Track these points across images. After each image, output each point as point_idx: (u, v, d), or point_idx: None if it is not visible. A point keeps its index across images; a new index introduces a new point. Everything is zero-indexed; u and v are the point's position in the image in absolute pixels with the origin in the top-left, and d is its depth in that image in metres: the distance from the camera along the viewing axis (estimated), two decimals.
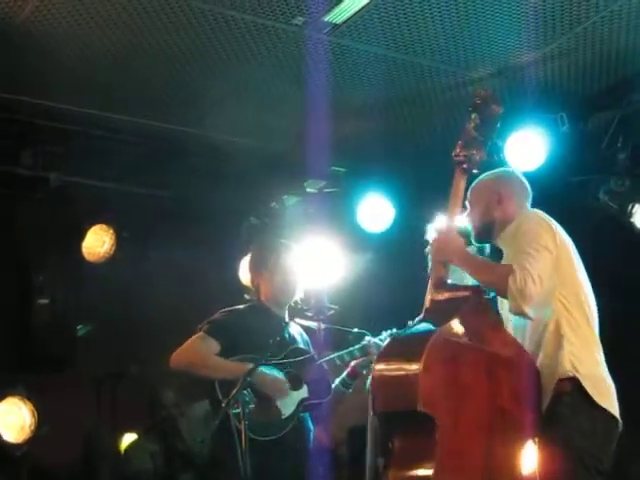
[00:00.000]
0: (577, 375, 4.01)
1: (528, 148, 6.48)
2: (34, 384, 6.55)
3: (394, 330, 5.12)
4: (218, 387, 4.89)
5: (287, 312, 5.27)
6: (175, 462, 6.53)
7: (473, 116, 4.30)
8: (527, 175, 6.27)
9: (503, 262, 4.30)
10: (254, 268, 5.38)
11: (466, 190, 4.40)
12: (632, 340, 6.24)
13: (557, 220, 4.33)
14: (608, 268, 5.95)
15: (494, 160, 4.31)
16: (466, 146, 4.28)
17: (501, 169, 4.71)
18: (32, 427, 6.33)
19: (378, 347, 5.07)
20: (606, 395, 4.08)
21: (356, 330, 5.30)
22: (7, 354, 6.76)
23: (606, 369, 4.18)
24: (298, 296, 5.32)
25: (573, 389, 4.01)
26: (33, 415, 6.33)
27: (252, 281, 5.38)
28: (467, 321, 4.08)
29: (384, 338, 5.13)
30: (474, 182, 4.50)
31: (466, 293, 4.20)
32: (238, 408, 4.39)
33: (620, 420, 4.10)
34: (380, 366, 4.11)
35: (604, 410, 4.03)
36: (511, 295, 4.00)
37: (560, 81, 6.27)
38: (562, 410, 4.02)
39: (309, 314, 5.18)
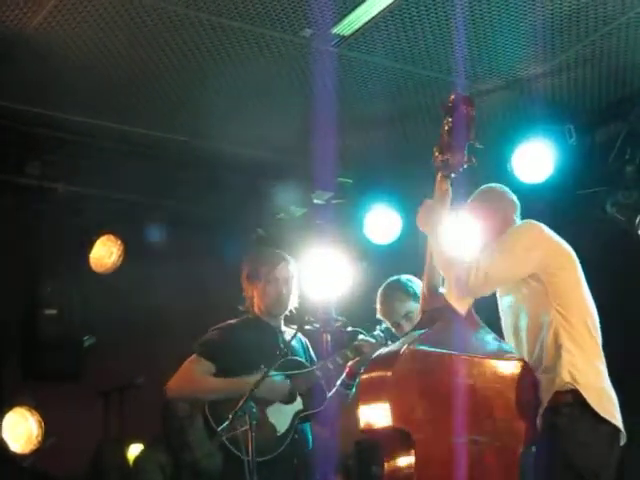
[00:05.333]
0: (577, 386, 3.99)
1: (536, 160, 6.48)
2: (41, 395, 6.55)
3: (387, 324, 5.12)
4: (208, 411, 4.87)
5: (282, 321, 5.25)
6: (184, 474, 6.50)
7: (446, 120, 4.21)
8: (535, 187, 6.36)
9: None
10: (248, 279, 5.31)
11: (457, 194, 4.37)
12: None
13: (564, 232, 4.33)
14: (615, 280, 5.96)
15: (474, 164, 4.21)
16: (442, 151, 4.18)
17: (500, 188, 4.59)
18: (39, 438, 6.33)
19: (371, 345, 5.05)
20: (608, 406, 4.04)
21: (350, 329, 5.26)
22: (15, 365, 6.77)
23: (608, 379, 4.15)
24: (293, 306, 5.29)
25: (573, 400, 3.99)
26: (40, 426, 6.32)
27: (246, 292, 5.33)
28: (451, 328, 4.07)
29: (377, 334, 5.11)
30: (478, 201, 4.48)
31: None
32: (235, 430, 4.33)
33: (623, 431, 4.07)
34: (362, 383, 4.13)
35: (605, 421, 3.99)
36: (451, 281, 4.04)
37: (568, 94, 6.27)
38: (560, 421, 3.99)
39: (316, 325, 5.16)
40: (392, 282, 5.20)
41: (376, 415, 3.94)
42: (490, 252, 4.15)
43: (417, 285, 4.98)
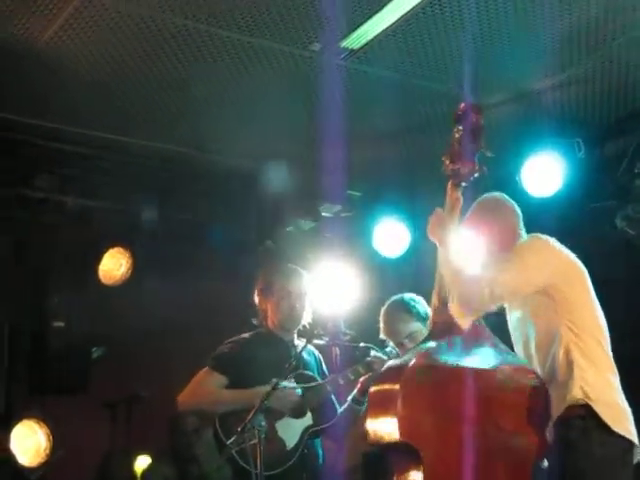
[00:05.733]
0: (588, 402, 3.96)
1: (545, 174, 6.47)
2: (49, 407, 6.55)
3: None
4: (218, 424, 4.87)
5: (296, 335, 5.25)
6: None
7: (456, 128, 4.23)
8: (544, 201, 6.35)
9: None
10: (261, 293, 5.33)
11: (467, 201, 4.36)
12: None
13: (573, 246, 4.31)
14: (625, 294, 5.94)
15: (484, 173, 4.21)
16: (452, 160, 4.20)
17: (500, 197, 4.55)
18: (47, 451, 6.32)
19: (382, 361, 5.03)
20: (621, 420, 4.01)
21: (362, 345, 5.25)
22: (22, 377, 6.77)
23: (622, 393, 4.12)
24: (306, 320, 5.28)
25: (585, 414, 3.96)
26: (48, 439, 6.31)
27: (259, 305, 5.34)
28: (460, 341, 4.05)
29: (389, 351, 5.10)
30: (477, 212, 4.45)
31: None
32: (244, 444, 4.32)
33: (638, 445, 4.03)
34: (371, 396, 4.11)
35: (620, 436, 3.95)
36: (456, 295, 4.00)
37: (577, 107, 6.26)
38: (573, 434, 3.96)
39: (325, 339, 5.15)
40: (395, 302, 5.18)
41: (384, 428, 3.92)
42: (497, 269, 4.12)
43: (420, 304, 5.01)
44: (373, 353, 5.14)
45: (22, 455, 6.29)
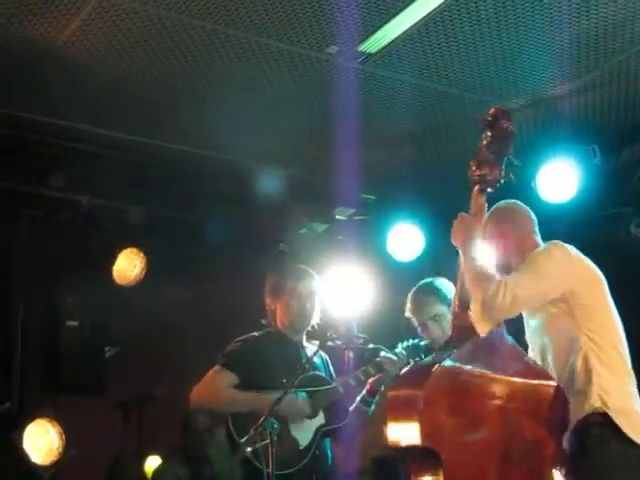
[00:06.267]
0: (607, 411, 3.94)
1: (560, 180, 6.46)
2: (62, 406, 6.56)
3: (410, 342, 5.10)
4: (231, 423, 4.87)
5: (305, 336, 5.25)
6: None
7: (485, 134, 4.21)
8: (559, 207, 6.33)
9: None
10: (271, 293, 5.32)
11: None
12: None
13: (588, 253, 4.29)
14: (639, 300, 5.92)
15: (511, 179, 4.21)
16: (479, 165, 4.18)
17: (514, 204, 4.54)
18: (60, 449, 6.33)
19: (392, 362, 5.03)
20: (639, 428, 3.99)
21: (371, 346, 5.24)
22: (36, 376, 6.79)
23: (639, 401, 4.09)
24: (315, 321, 5.28)
25: (603, 422, 3.93)
26: (61, 437, 6.33)
27: (269, 306, 5.32)
28: (482, 347, 4.04)
29: (399, 352, 5.09)
30: (492, 221, 4.44)
31: None
32: (256, 444, 4.32)
33: None
34: (390, 399, 4.07)
35: (637, 445, 3.92)
36: (478, 301, 3.98)
37: (593, 113, 6.26)
38: (589, 442, 3.93)
39: (338, 342, 5.14)
40: (425, 284, 5.22)
41: (404, 433, 3.90)
42: (517, 274, 4.10)
43: (450, 289, 4.95)
44: (382, 354, 5.14)
45: (35, 454, 6.30)
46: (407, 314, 5.21)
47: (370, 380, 5.12)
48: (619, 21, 5.17)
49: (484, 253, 4.23)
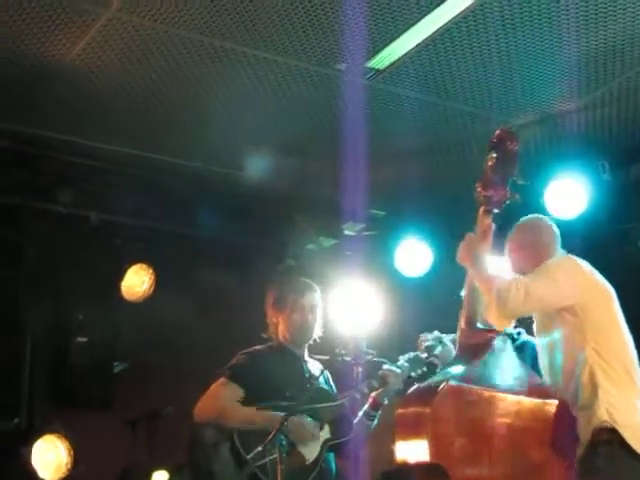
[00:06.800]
0: (615, 425, 3.94)
1: (569, 196, 6.46)
2: (71, 422, 6.55)
3: (411, 355, 5.09)
4: (237, 438, 4.85)
5: (306, 350, 5.24)
6: None
7: (491, 155, 4.26)
8: (568, 223, 6.32)
9: None
10: (274, 306, 5.27)
11: (499, 229, 4.38)
12: None
13: (598, 268, 4.31)
14: None
15: (517, 200, 4.25)
16: (485, 186, 4.25)
17: (536, 218, 4.63)
18: (68, 466, 6.32)
19: (395, 374, 5.02)
20: None
21: (374, 359, 5.23)
22: (45, 391, 6.78)
23: None
24: (317, 335, 5.26)
25: (611, 439, 3.93)
26: (69, 454, 6.32)
27: (270, 319, 5.28)
28: (489, 366, 4.05)
29: (401, 365, 5.08)
30: (516, 233, 4.48)
31: (491, 335, 4.18)
32: (263, 460, 4.32)
33: None
34: (398, 417, 4.11)
35: None
36: (493, 296, 4.02)
37: (602, 129, 6.25)
38: (598, 461, 3.94)
39: (347, 358, 5.14)
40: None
41: (413, 449, 3.93)
42: (530, 275, 4.18)
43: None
44: (385, 367, 5.12)
45: (43, 470, 6.29)
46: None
47: (373, 394, 5.10)
48: (628, 38, 5.16)
49: (496, 269, 4.25)
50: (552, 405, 4.08)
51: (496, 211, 4.26)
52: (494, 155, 4.23)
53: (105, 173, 6.72)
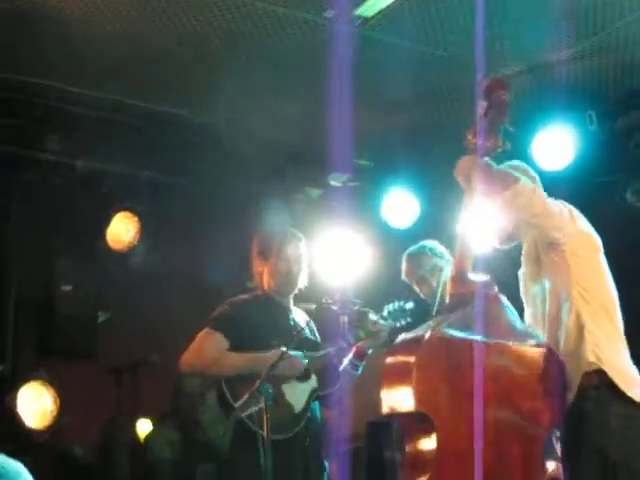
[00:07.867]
0: (602, 366, 3.97)
1: (556, 147, 6.45)
2: (56, 370, 6.56)
3: (396, 304, 5.09)
4: (226, 387, 4.85)
5: (291, 300, 5.23)
6: (194, 452, 6.48)
7: (482, 103, 4.26)
8: (554, 174, 6.32)
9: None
10: (258, 255, 5.20)
11: None
12: None
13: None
14: (635, 267, 5.92)
15: (507, 148, 4.26)
16: (475, 134, 4.24)
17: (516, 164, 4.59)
18: (54, 413, 6.33)
19: (380, 325, 5.02)
20: (635, 385, 4.00)
21: (359, 308, 5.21)
22: (30, 340, 6.79)
23: (631, 362, 4.12)
24: (303, 285, 5.25)
25: (599, 382, 3.97)
26: (55, 402, 6.33)
27: (255, 268, 5.22)
28: (477, 314, 4.05)
29: (386, 315, 5.08)
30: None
31: (480, 284, 4.19)
32: (250, 409, 4.32)
33: None
34: (385, 367, 4.11)
35: (634, 402, 3.95)
36: (508, 193, 4.10)
37: (590, 80, 6.25)
38: (587, 405, 3.97)
39: (334, 308, 5.12)
40: (417, 246, 5.52)
41: (399, 399, 3.94)
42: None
43: (444, 249, 5.30)
44: (370, 316, 5.11)
45: (28, 417, 6.30)
46: (403, 277, 5.26)
47: (358, 344, 5.10)
48: None
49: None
50: (540, 351, 4.08)
51: (487, 159, 4.25)
52: (485, 103, 4.22)
53: (94, 121, 6.67)
